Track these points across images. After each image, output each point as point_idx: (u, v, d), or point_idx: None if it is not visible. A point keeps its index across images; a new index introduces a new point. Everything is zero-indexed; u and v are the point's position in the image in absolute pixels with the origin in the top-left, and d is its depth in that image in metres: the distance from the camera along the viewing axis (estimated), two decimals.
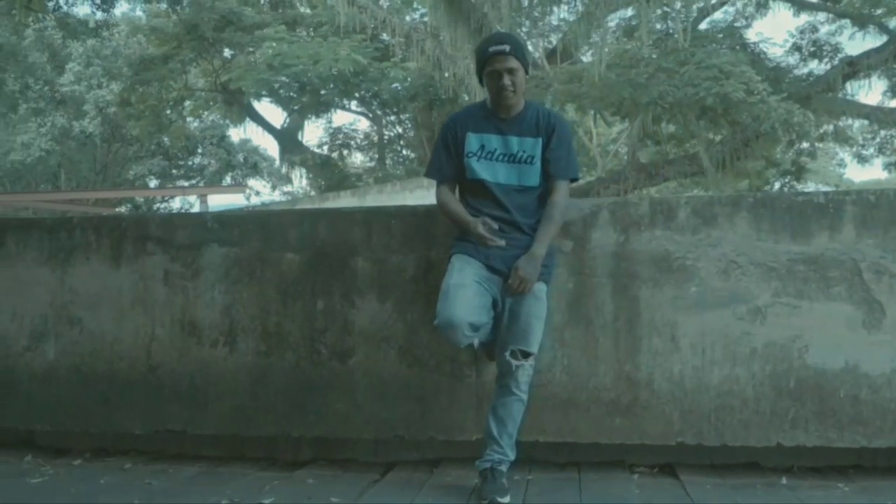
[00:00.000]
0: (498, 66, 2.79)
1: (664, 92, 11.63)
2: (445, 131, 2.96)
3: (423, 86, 16.22)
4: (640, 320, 3.04)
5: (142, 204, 31.11)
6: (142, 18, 25.22)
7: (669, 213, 3.06)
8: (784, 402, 2.94)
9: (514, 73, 2.80)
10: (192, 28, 20.74)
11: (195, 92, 25.28)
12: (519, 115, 2.89)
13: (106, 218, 3.51)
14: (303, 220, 3.33)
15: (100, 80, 26.82)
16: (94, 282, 3.46)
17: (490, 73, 2.81)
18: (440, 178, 2.95)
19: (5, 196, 22.13)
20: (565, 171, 2.89)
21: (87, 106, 26.80)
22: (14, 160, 27.59)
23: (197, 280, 3.37)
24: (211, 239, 3.38)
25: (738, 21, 18.15)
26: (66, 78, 27.39)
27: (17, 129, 27.57)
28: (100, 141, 28.29)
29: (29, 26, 23.06)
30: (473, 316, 2.68)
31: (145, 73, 22.24)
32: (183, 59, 22.04)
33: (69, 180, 29.95)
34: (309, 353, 3.27)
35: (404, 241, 3.22)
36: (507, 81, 2.79)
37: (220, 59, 23.26)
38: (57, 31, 23.60)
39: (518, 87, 2.82)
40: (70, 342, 3.47)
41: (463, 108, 3.15)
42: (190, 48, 21.55)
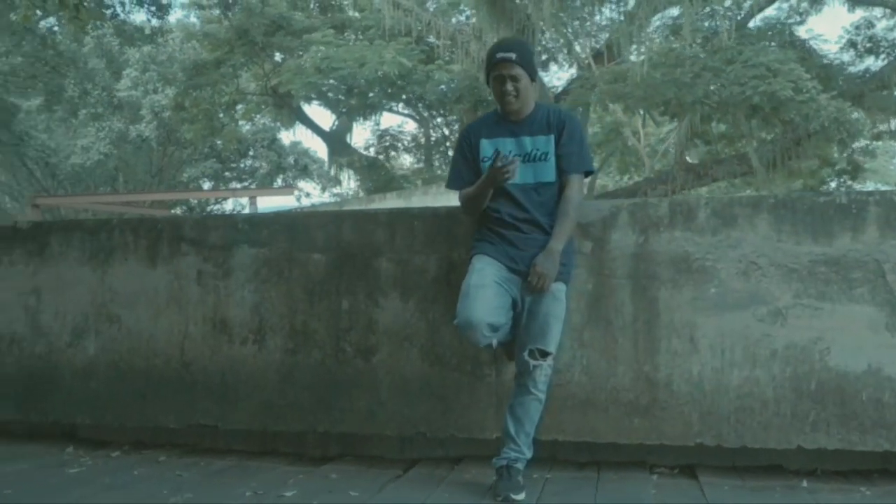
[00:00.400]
0: (503, 71, 2.86)
1: (710, 91, 11.47)
2: (461, 141, 3.04)
3: (468, 87, 16.27)
4: (660, 321, 3.04)
5: (196, 206, 31.88)
6: (196, 24, 25.81)
7: (689, 214, 3.06)
8: (805, 405, 2.92)
9: (518, 80, 2.86)
10: (242, 33, 21.19)
11: (247, 96, 25.81)
12: (529, 116, 2.94)
13: (143, 220, 3.64)
14: (328, 222, 3.42)
15: (155, 86, 27.57)
16: (131, 281, 3.60)
17: (495, 78, 2.89)
18: (459, 186, 3.02)
19: (67, 198, 22.87)
20: (578, 165, 2.92)
21: (143, 110, 27.56)
22: (74, 163, 28.51)
23: (228, 280, 3.49)
24: (241, 240, 3.49)
25: (791, 17, 17.79)
26: (123, 83, 28.20)
27: (78, 134, 28.49)
28: (156, 144, 29.07)
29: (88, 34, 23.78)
30: (492, 316, 2.73)
31: (198, 78, 22.80)
32: (234, 64, 22.53)
33: (126, 183, 30.83)
34: (334, 351, 3.35)
35: (427, 242, 3.29)
36: (510, 87, 2.86)
37: (271, 64, 23.72)
38: (115, 37, 24.28)
39: (521, 93, 2.88)
40: (109, 339, 3.62)
41: (477, 118, 3.21)
42: (241, 53, 22.02)
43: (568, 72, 21.82)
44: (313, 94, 20.31)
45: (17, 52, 19.79)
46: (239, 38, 21.49)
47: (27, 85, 19.95)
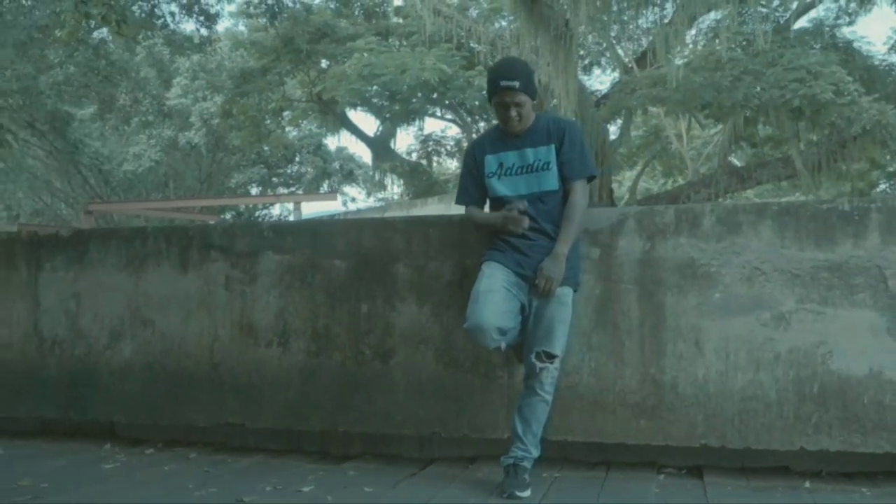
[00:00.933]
0: (507, 99, 2.96)
1: (749, 94, 11.39)
2: (467, 158, 3.19)
3: None
4: (665, 325, 3.13)
5: (244, 211, 32.55)
6: (244, 33, 26.36)
7: (694, 220, 3.14)
8: (807, 407, 2.97)
9: (521, 106, 2.97)
10: (288, 41, 21.62)
11: (293, 102, 26.30)
12: (530, 129, 3.05)
13: (174, 228, 3.85)
14: (349, 230, 3.57)
15: (204, 93, 28.26)
16: (164, 286, 3.80)
17: (498, 104, 3.00)
18: (467, 202, 3.16)
19: (118, 205, 23.57)
20: (580, 172, 3.03)
21: (192, 118, 28.28)
22: (127, 170, 29.35)
23: (254, 285, 3.66)
24: (267, 247, 3.66)
25: (840, 18, 17.50)
26: (173, 92, 28.97)
27: (130, 141, 29.33)
28: (205, 151, 29.77)
29: (139, 44, 24.49)
30: (501, 320, 2.85)
31: (245, 86, 23.33)
32: (280, 72, 23.00)
33: (177, 189, 31.62)
34: (354, 353, 3.50)
35: (441, 249, 3.42)
36: (514, 114, 2.98)
37: (316, 71, 24.15)
38: (165, 47, 24.93)
39: (523, 116, 3.00)
40: (143, 342, 3.82)
41: (481, 134, 3.34)
42: (287, 60, 22.47)
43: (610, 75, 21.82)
44: (356, 101, 20.59)
45: (71, 62, 20.48)
46: (285, 46, 21.92)
47: (80, 94, 20.63)
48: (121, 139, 29.70)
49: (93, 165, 28.29)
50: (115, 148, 29.66)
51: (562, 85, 13.16)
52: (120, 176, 29.73)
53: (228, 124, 25.54)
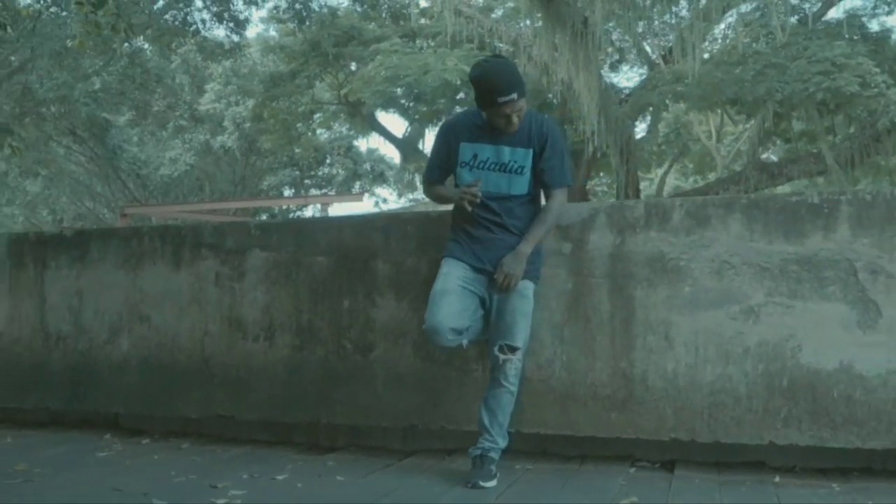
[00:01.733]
0: (507, 111, 2.88)
1: (772, 88, 11.25)
2: (441, 137, 3.15)
3: (531, 92, 16.36)
4: (636, 319, 3.15)
5: (278, 213, 33.00)
6: (275, 38, 26.71)
7: (664, 215, 3.16)
8: (777, 401, 2.98)
9: (522, 110, 2.93)
10: (315, 45, 21.88)
11: (323, 105, 26.58)
12: None
13: (168, 227, 3.97)
14: (330, 227, 3.66)
15: (237, 98, 28.72)
16: (158, 283, 3.93)
17: (499, 112, 2.89)
18: (434, 178, 3.18)
19: (153, 207, 24.08)
20: (560, 180, 3.05)
21: (225, 122, 28.77)
22: (163, 174, 29.95)
23: (242, 281, 3.77)
24: (254, 244, 3.77)
25: (878, 7, 17.10)
26: (207, 97, 29.49)
27: (166, 146, 29.92)
28: (238, 154, 30.25)
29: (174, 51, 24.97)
30: (455, 321, 2.91)
31: (275, 90, 23.65)
32: (309, 75, 23.27)
33: (212, 192, 32.17)
34: (336, 347, 3.59)
35: (419, 245, 3.48)
36: (515, 120, 2.93)
37: (345, 73, 24.39)
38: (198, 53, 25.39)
39: (519, 118, 2.94)
40: (140, 336, 3.95)
41: (459, 115, 3.33)
42: (315, 64, 22.74)
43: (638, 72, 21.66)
44: (382, 102, 20.73)
45: (107, 71, 20.99)
46: (312, 50, 22.19)
47: (116, 101, 21.12)
48: (158, 144, 30.31)
49: (131, 170, 28.92)
50: (152, 153, 30.28)
51: (583, 83, 13.14)
52: (157, 180, 30.35)
53: (259, 128, 25.89)
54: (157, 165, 29.91)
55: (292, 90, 23.62)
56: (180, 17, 22.78)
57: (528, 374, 3.24)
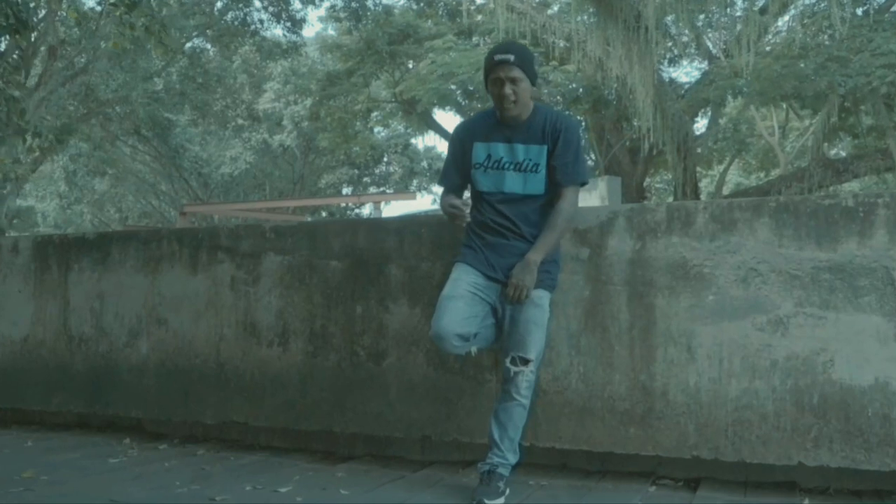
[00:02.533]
0: (501, 74, 2.83)
1: (834, 83, 10.76)
2: (454, 140, 3.06)
3: (585, 88, 16.06)
4: (656, 329, 2.97)
5: (336, 211, 33.31)
6: (334, 37, 26.93)
7: (687, 219, 2.96)
8: (806, 419, 2.76)
9: (517, 83, 2.83)
10: (370, 43, 21.95)
11: (380, 103, 26.69)
12: (527, 122, 2.93)
13: (186, 230, 3.94)
14: (345, 231, 3.56)
15: (296, 97, 29.10)
16: (176, 286, 3.90)
17: (493, 81, 2.87)
18: (447, 186, 3.06)
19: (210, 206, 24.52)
20: (572, 178, 2.89)
21: (284, 121, 29.17)
22: (224, 173, 30.53)
23: (257, 286, 3.71)
24: (269, 248, 3.70)
25: None
26: (266, 96, 29.94)
27: (227, 145, 30.50)
28: (298, 153, 30.64)
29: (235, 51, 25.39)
30: (461, 327, 2.77)
31: (331, 88, 23.83)
32: (365, 73, 23.36)
33: (272, 190, 32.66)
34: (349, 354, 3.50)
35: (433, 249, 3.36)
36: (509, 90, 2.83)
37: (401, 71, 24.41)
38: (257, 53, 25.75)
39: (520, 96, 2.85)
40: (158, 340, 3.93)
41: (472, 116, 3.21)
42: (371, 62, 22.81)
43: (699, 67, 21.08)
44: (437, 100, 20.64)
45: (167, 71, 21.45)
46: (368, 48, 22.27)
47: (176, 101, 21.57)
48: (219, 143, 30.91)
49: (193, 169, 29.55)
50: (213, 151, 30.90)
51: (638, 78, 12.81)
52: (218, 178, 30.94)
53: (317, 126, 26.13)
54: (219, 164, 30.52)
55: (348, 89, 23.75)
56: (240, 17, 23.14)
57: (543, 386, 3.10)
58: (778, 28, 16.57)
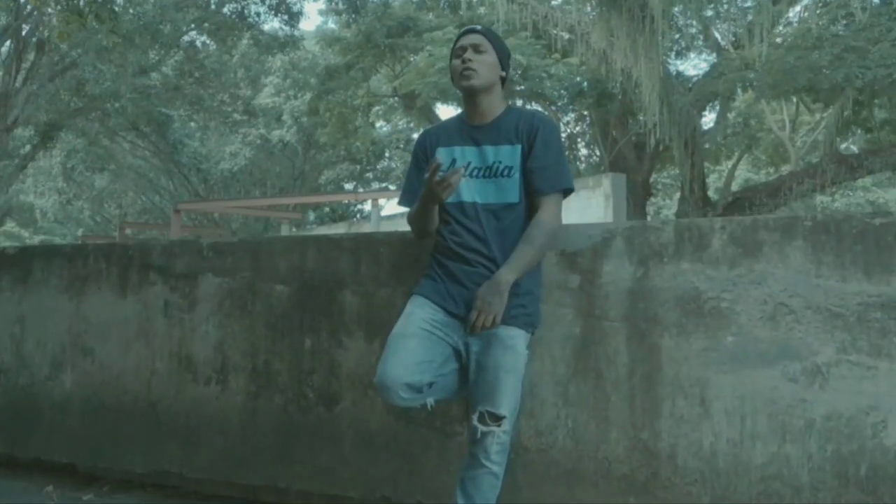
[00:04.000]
0: (464, 41, 2.40)
1: (851, 75, 10.14)
2: (415, 150, 2.52)
3: (589, 81, 15.46)
4: (662, 376, 2.40)
5: (338, 207, 32.75)
6: (334, 30, 26.42)
7: (700, 240, 2.40)
8: (852, 495, 2.19)
9: (480, 52, 2.37)
10: (369, 36, 21.39)
11: (380, 98, 26.14)
12: (496, 121, 2.39)
13: (114, 246, 3.39)
14: (292, 249, 3.00)
15: (295, 92, 28.58)
16: (104, 311, 3.36)
17: (455, 53, 2.44)
18: (410, 203, 2.50)
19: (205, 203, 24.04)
20: (553, 183, 2.34)
21: (284, 116, 28.66)
22: (223, 168, 30.05)
23: (193, 312, 3.16)
24: (206, 268, 3.15)
25: None
26: (266, 91, 29.42)
27: (226, 140, 30.01)
28: (299, 148, 30.14)
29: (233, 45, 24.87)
30: (411, 375, 2.21)
31: (330, 83, 23.30)
32: (364, 67, 22.79)
33: (272, 186, 32.15)
34: (296, 396, 2.94)
35: (393, 272, 2.80)
36: (469, 56, 2.36)
37: (401, 65, 23.83)
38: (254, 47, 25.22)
39: (482, 68, 2.36)
40: (83, 373, 3.39)
41: (436, 123, 2.67)
42: (370, 56, 22.24)
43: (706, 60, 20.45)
44: (437, 94, 20.04)
45: (160, 66, 20.93)
46: (367, 42, 21.71)
47: (170, 96, 21.05)
48: (219, 139, 30.43)
49: (191, 164, 29.09)
50: (213, 147, 30.42)
51: (644, 71, 12.22)
52: (217, 174, 30.47)
53: (316, 122, 25.65)
54: (218, 160, 30.05)
55: (348, 83, 23.21)
56: (237, 10, 22.63)
57: (524, 442, 2.54)
58: (789, 19, 15.94)
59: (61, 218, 37.60)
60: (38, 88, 16.70)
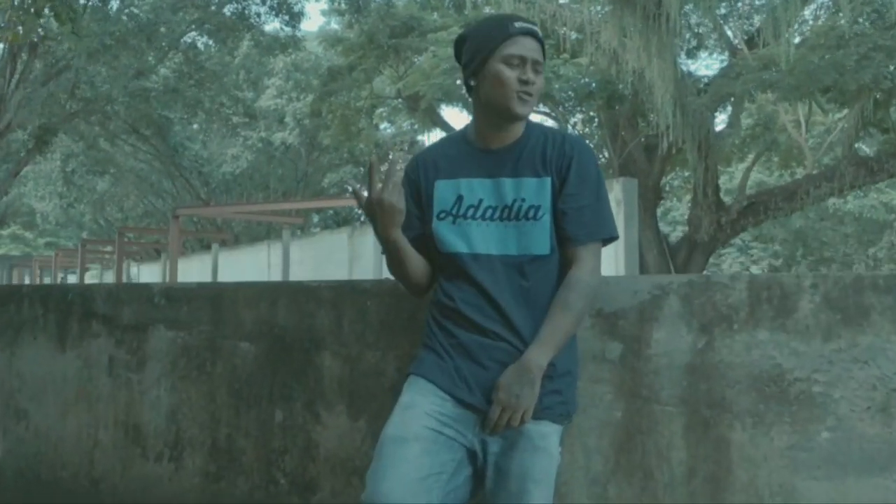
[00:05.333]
0: (525, 51, 1.73)
1: (879, 75, 9.55)
2: (405, 181, 1.91)
3: (599, 82, 14.87)
4: (732, 480, 1.83)
5: (342, 211, 32.22)
6: (337, 31, 25.95)
7: (783, 302, 1.82)
8: None
9: (538, 73, 1.76)
10: (372, 37, 20.86)
11: (384, 100, 25.61)
12: (515, 145, 1.81)
13: (53, 289, 2.85)
14: (259, 298, 2.44)
15: (298, 94, 28.09)
16: (40, 366, 2.81)
17: (507, 59, 1.74)
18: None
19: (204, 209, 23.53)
20: (592, 229, 1.76)
21: (287, 118, 28.15)
22: (225, 171, 29.58)
23: (142, 372, 2.60)
24: (158, 319, 2.59)
25: None
26: (268, 93, 28.90)
27: (228, 143, 29.52)
28: (303, 151, 29.64)
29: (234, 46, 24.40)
30: (414, 496, 1.63)
31: (332, 84, 22.78)
32: (367, 69, 22.25)
33: (275, 189, 31.65)
34: (264, 481, 2.38)
35: (383, 332, 2.23)
36: (531, 76, 1.74)
37: (406, 66, 23.27)
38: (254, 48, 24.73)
39: (537, 90, 1.76)
40: (17, 439, 2.84)
41: (430, 145, 2.05)
42: (373, 56, 21.70)
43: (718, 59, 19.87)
44: (442, 96, 19.46)
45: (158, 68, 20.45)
46: (370, 42, 21.19)
47: (168, 99, 20.54)
48: (221, 141, 29.96)
49: (193, 168, 28.64)
50: (215, 150, 29.95)
51: (657, 71, 11.64)
52: (219, 177, 30.00)
53: (319, 124, 25.17)
54: (220, 163, 29.59)
55: (350, 84, 22.70)
56: (237, 10, 22.17)
57: None
58: (804, 17, 15.34)
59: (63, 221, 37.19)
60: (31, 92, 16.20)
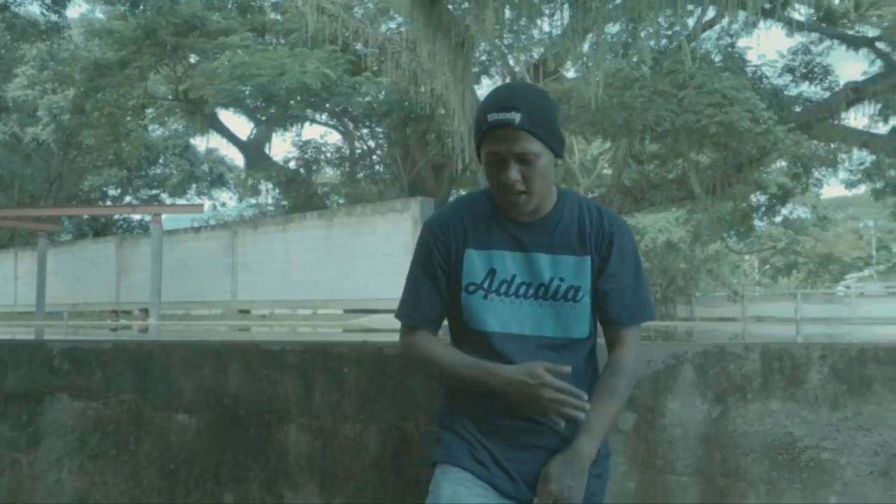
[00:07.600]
0: (501, 147, 1.56)
1: (661, 117, 10.56)
2: (427, 246, 1.70)
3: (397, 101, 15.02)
4: None
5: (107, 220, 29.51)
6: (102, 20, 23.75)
7: (794, 373, 1.89)
8: None
9: (528, 162, 1.57)
10: (150, 33, 19.44)
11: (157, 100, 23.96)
12: (549, 217, 1.68)
13: None
14: (203, 361, 2.10)
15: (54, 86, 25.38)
16: None
17: (488, 157, 1.59)
18: (418, 321, 1.71)
19: None
20: (635, 313, 1.69)
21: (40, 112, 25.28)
22: None
23: (35, 452, 2.13)
24: (59, 386, 2.14)
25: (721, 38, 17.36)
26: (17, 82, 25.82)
27: None
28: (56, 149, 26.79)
29: None
30: None
31: (100, 80, 20.90)
32: (142, 66, 20.69)
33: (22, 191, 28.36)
34: None
35: (362, 402, 2.01)
36: (514, 175, 1.57)
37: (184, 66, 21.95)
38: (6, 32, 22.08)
39: (536, 182, 1.59)
40: None
41: (454, 203, 1.84)
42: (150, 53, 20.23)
43: None
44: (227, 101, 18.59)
45: None
46: (147, 38, 19.71)
47: None
48: None
49: None
50: None
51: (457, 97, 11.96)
52: None
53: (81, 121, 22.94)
54: None
55: (121, 81, 20.94)
56: None
57: None
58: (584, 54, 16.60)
59: None
60: None
